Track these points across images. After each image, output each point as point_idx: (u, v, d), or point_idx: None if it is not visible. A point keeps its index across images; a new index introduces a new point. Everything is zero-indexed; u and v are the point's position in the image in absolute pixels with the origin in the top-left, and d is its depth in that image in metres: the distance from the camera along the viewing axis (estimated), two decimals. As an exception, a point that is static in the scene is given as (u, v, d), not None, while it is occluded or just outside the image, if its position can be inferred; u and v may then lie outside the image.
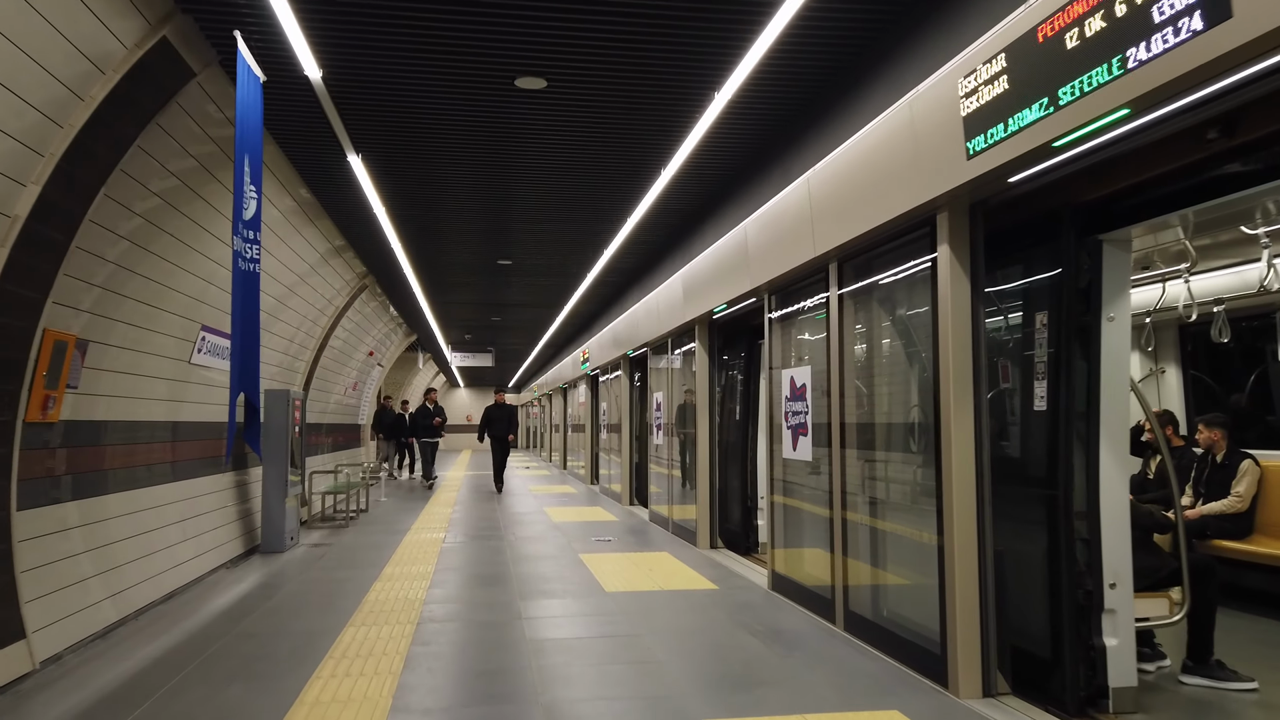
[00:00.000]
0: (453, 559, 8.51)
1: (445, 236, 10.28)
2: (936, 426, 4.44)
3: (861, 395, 5.52)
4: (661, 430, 11.34)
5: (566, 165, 7.52)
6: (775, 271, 6.53)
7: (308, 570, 7.97)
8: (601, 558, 8.58)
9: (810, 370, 6.17)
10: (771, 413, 7.02)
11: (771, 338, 7.00)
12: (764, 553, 8.78)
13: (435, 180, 8.02)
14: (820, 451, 6.01)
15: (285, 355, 10.54)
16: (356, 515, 12.44)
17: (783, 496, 6.85)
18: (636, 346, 12.61)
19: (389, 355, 19.34)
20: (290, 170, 7.62)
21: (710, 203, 8.58)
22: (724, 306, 8.22)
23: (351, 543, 9.76)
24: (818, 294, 6.06)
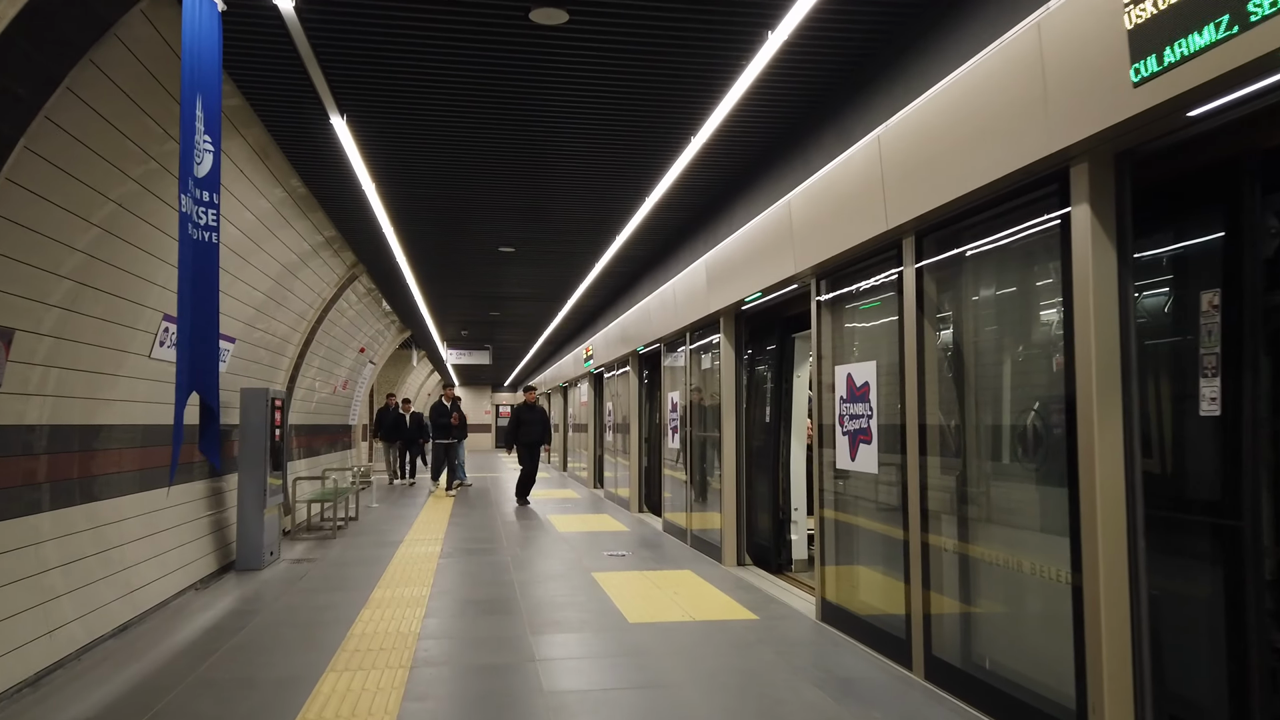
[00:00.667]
0: (450, 578, 7.57)
1: (443, 219, 9.33)
2: (1070, 433, 3.51)
3: (949, 394, 4.60)
4: (678, 433, 10.41)
5: (586, 123, 6.57)
6: (828, 251, 5.60)
7: (286, 593, 7.02)
8: (617, 577, 7.65)
9: (875, 365, 5.24)
10: (819, 415, 6.09)
11: (820, 328, 6.07)
12: (799, 571, 7.87)
13: (432, 150, 7.07)
14: (889, 461, 5.09)
15: (266, 350, 9.58)
16: (345, 524, 11.48)
17: (834, 511, 5.92)
18: (648, 342, 11.67)
19: (381, 352, 18.38)
20: (263, 133, 6.66)
21: (745, 176, 7.64)
22: (757, 295, 7.28)
23: (338, 558, 8.81)
24: (886, 274, 5.13)
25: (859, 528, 5.63)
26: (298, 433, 12.12)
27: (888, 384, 5.16)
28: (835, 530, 5.90)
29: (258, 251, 7.86)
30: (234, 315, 8.05)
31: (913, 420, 4.71)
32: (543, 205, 8.74)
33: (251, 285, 8.16)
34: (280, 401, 8.81)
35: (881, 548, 5.29)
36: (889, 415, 5.11)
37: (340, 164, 7.25)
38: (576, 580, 7.53)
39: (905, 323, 4.79)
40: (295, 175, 7.65)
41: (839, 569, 5.86)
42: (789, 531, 8.01)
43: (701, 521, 9.39)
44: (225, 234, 7.04)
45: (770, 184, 6.88)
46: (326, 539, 10.23)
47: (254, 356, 9.12)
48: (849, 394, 5.53)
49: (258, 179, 7.05)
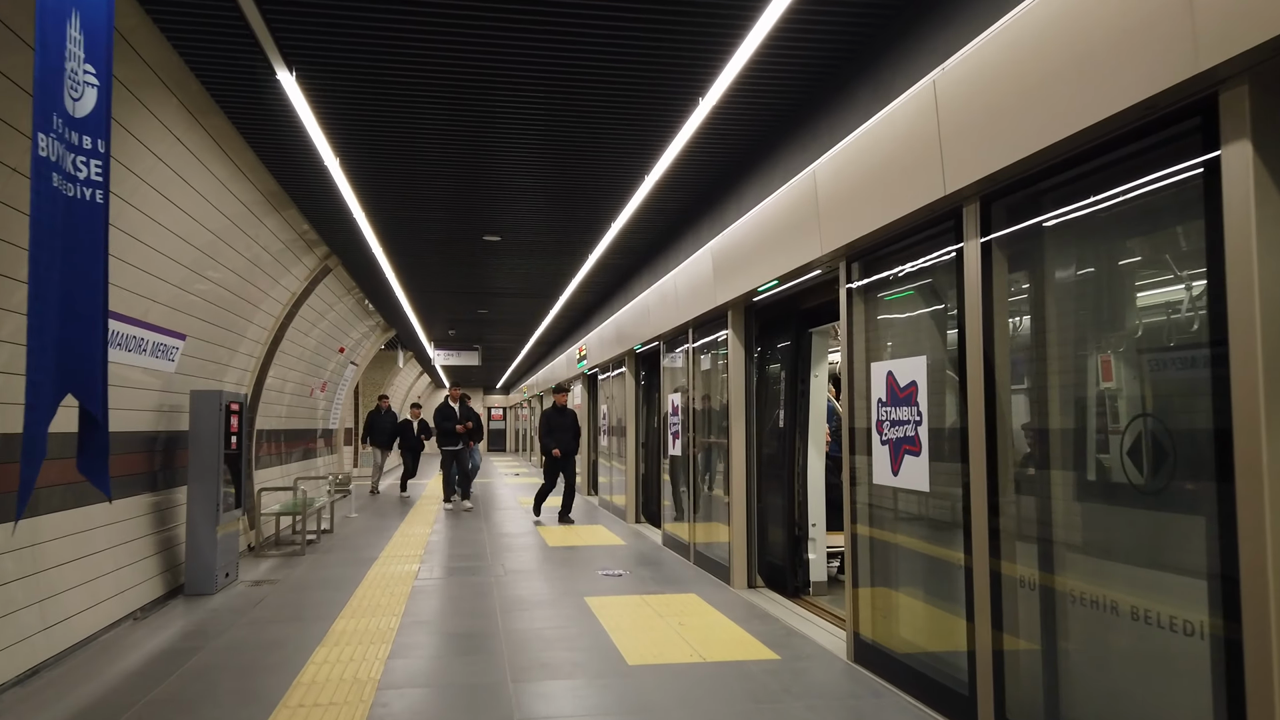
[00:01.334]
0: (425, 605, 6.68)
1: (419, 202, 8.44)
2: (1222, 447, 2.65)
3: (1025, 396, 3.73)
4: (679, 438, 9.53)
5: (575, 88, 5.71)
6: (863, 227, 4.73)
7: (235, 625, 6.12)
8: (613, 603, 6.77)
9: (926, 361, 4.37)
10: (850, 419, 5.22)
11: (850, 320, 5.20)
12: (819, 595, 7.01)
13: (398, 118, 6.20)
14: (944, 474, 4.23)
15: (225, 349, 8.67)
16: (318, 537, 10.58)
17: (871, 532, 5.05)
18: (646, 340, 10.79)
19: (364, 353, 17.48)
20: (198, 90, 5.77)
21: (759, 147, 6.78)
22: (773, 283, 6.42)
23: (302, 579, 7.91)
24: (939, 250, 4.27)
25: (902, 552, 4.77)
26: (268, 439, 11.21)
27: (941, 383, 4.30)
28: (871, 554, 5.03)
29: (201, 232, 6.96)
30: (181, 308, 7.16)
31: (977, 426, 3.85)
32: (529, 185, 7.87)
33: (200, 274, 7.27)
34: (238, 405, 7.91)
35: (934, 576, 4.43)
36: (943, 421, 4.25)
37: (294, 130, 6.36)
38: (567, 607, 6.65)
39: (966, 309, 3.93)
40: (244, 144, 6.76)
41: (876, 600, 4.99)
42: (806, 550, 7.14)
43: (706, 535, 8.52)
44: (164, 213, 6.15)
45: (790, 155, 6.01)
46: (294, 555, 9.33)
47: (210, 355, 8.22)
48: (890, 396, 4.66)
49: (199, 148, 6.15)
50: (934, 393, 4.32)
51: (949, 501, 4.21)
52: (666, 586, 7.48)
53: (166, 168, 5.84)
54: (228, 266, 7.74)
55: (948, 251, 4.17)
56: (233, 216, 7.29)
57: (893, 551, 4.85)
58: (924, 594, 4.52)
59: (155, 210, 6.00)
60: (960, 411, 4.00)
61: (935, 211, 4.17)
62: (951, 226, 4.10)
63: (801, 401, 7.16)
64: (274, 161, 7.09)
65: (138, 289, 6.22)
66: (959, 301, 4.01)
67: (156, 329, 6.82)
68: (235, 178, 6.94)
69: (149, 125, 5.38)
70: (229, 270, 7.83)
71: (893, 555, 4.85)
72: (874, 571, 5.01)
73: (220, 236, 7.28)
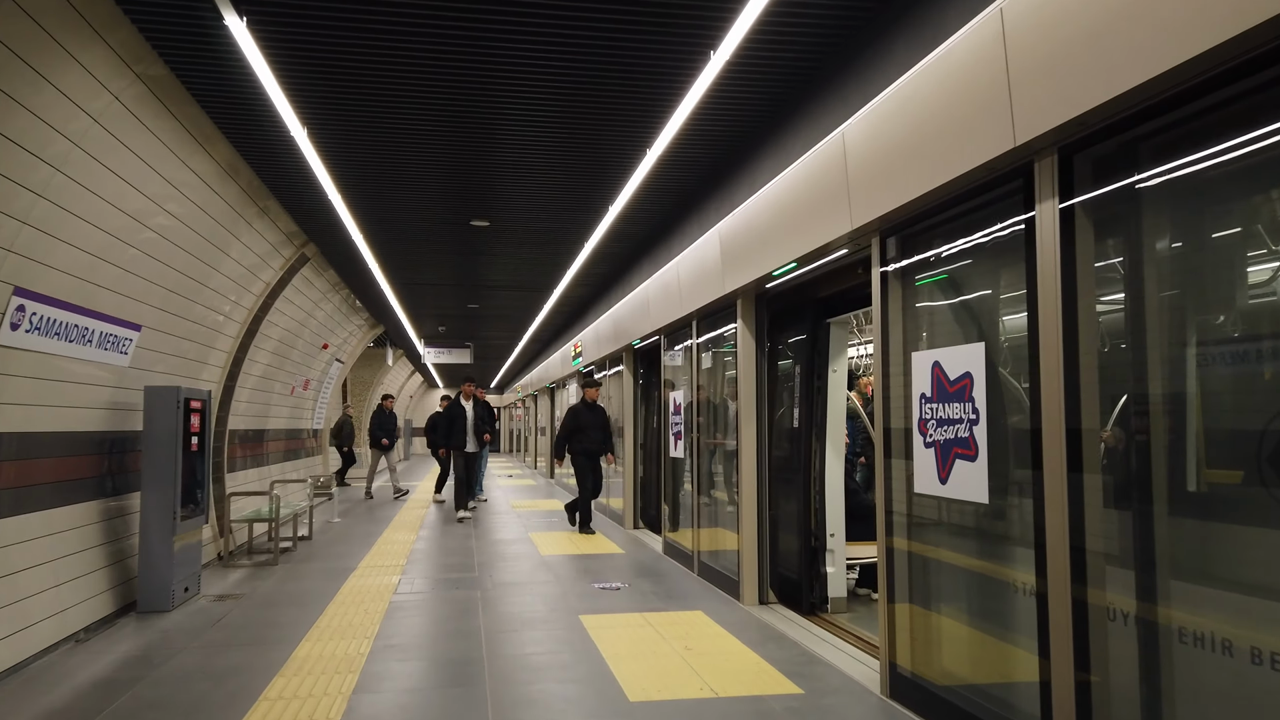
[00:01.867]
0: (402, 625, 6.00)
1: (399, 180, 7.75)
2: None
3: (1120, 389, 3.06)
4: (681, 439, 8.85)
5: (571, 54, 5.06)
6: (903, 194, 4.06)
7: (185, 649, 5.44)
8: (611, 622, 6.09)
9: (983, 349, 3.69)
10: (883, 418, 4.54)
11: (887, 303, 4.53)
12: (838, 613, 6.35)
13: (374, 83, 5.52)
14: (1009, 483, 3.56)
15: (192, 343, 7.97)
16: (294, 545, 9.88)
17: (907, 541, 4.38)
18: (645, 334, 10.12)
19: (351, 349, 16.77)
20: (128, 32, 5.09)
21: (774, 115, 6.11)
22: (791, 266, 5.74)
23: (271, 593, 7.22)
24: (1003, 218, 3.60)
25: (951, 572, 4.10)
26: (243, 439, 10.52)
27: (1005, 375, 3.63)
28: (911, 574, 4.36)
29: (153, 210, 6.26)
30: (135, 296, 6.47)
31: (1054, 426, 3.18)
32: (519, 162, 7.19)
33: (156, 258, 6.57)
34: (201, 403, 7.21)
35: (991, 602, 3.76)
36: (1007, 419, 3.58)
37: (250, 89, 5.68)
38: (560, 627, 5.97)
39: (1041, 287, 3.25)
40: (199, 110, 6.08)
41: (915, 626, 4.32)
42: (823, 562, 6.47)
43: (711, 542, 7.85)
44: (106, 185, 5.46)
45: (812, 119, 5.33)
46: (266, 566, 8.63)
47: (172, 348, 7.52)
48: (936, 390, 3.99)
49: (143, 111, 5.46)
50: (995, 386, 3.65)
51: (1014, 515, 3.54)
52: (669, 602, 6.81)
53: (104, 132, 5.15)
54: (188, 250, 7.04)
55: (1014, 219, 3.49)
56: (190, 194, 6.59)
57: (938, 571, 4.18)
58: (979, 621, 3.85)
59: (94, 181, 5.31)
60: (1031, 408, 3.33)
61: (996, 170, 3.50)
62: (1019, 188, 3.42)
63: (818, 399, 6.50)
64: (233, 131, 6.40)
65: (76, 271, 5.53)
66: (1029, 278, 3.33)
67: (105, 318, 6.12)
68: (192, 150, 6.25)
69: (80, 81, 4.69)
70: (191, 255, 7.13)
71: (938, 575, 4.18)
72: (914, 593, 4.34)
73: (180, 218, 6.59)
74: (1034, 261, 3.30)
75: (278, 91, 5.41)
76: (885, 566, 4.50)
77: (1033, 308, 3.30)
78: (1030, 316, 3.33)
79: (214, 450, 9.26)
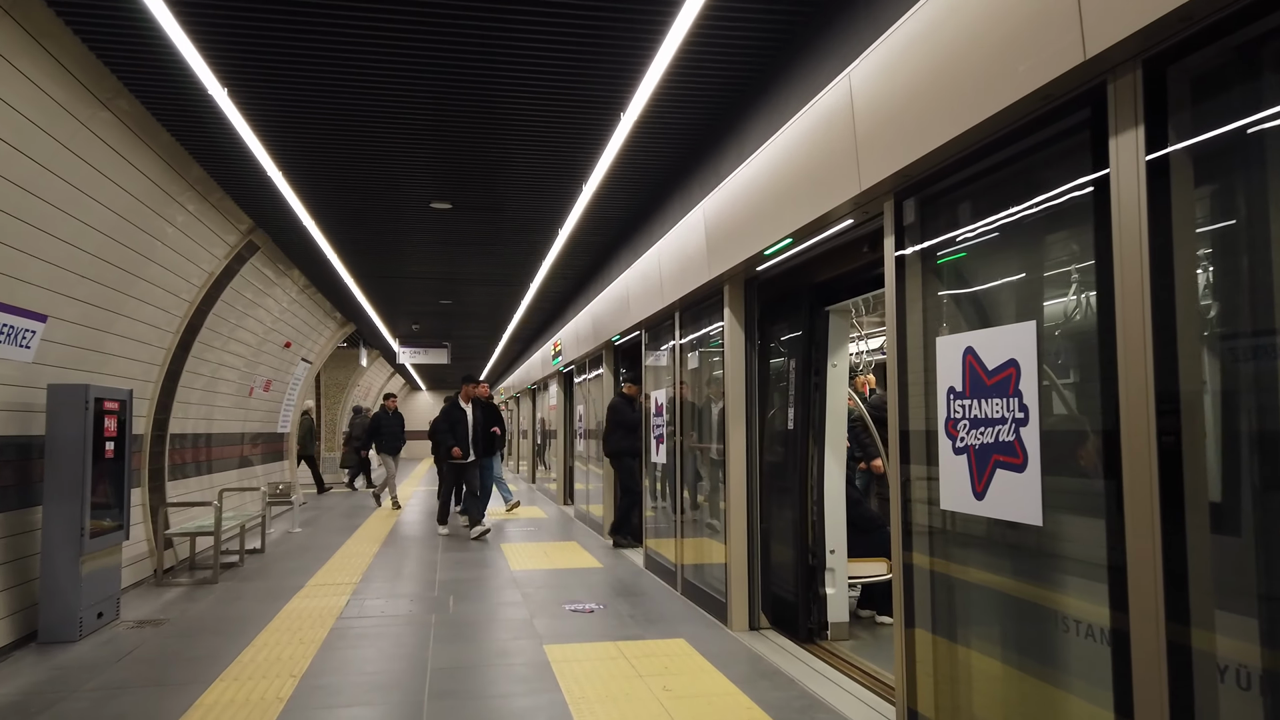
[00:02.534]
0: (339, 661, 5.19)
1: (347, 155, 6.94)
2: None
3: (1242, 375, 2.30)
4: (664, 443, 8.07)
5: (529, 10, 4.26)
6: (927, 143, 3.29)
7: (74, 693, 4.61)
8: (580, 654, 5.29)
9: (1033, 330, 2.92)
10: (900, 418, 3.77)
11: (903, 279, 3.75)
12: (839, 640, 5.58)
13: (296, 35, 4.71)
14: (1072, 499, 2.79)
15: (118, 337, 7.13)
16: (241, 560, 9.04)
17: (929, 559, 3.61)
18: (626, 329, 9.33)
19: (319, 349, 15.91)
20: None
21: (769, 68, 5.34)
22: (786, 242, 4.97)
23: (198, 619, 6.39)
24: (1063, 160, 2.83)
25: (986, 599, 3.33)
26: (188, 444, 9.67)
27: (1066, 362, 2.86)
28: (935, 602, 3.59)
29: (50, 181, 5.43)
30: (37, 281, 5.65)
31: (1138, 427, 2.41)
32: (479, 134, 6.39)
33: (60, 237, 5.74)
34: (119, 403, 6.39)
35: (1045, 638, 2.98)
36: (1068, 417, 2.82)
37: (154, 37, 4.87)
38: (521, 661, 5.17)
39: (1120, 248, 2.48)
40: (95, 60, 5.26)
41: (940, 664, 3.55)
42: (822, 583, 5.70)
43: (696, 555, 7.07)
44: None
45: (813, 67, 4.55)
46: (204, 584, 7.80)
47: (89, 343, 6.68)
48: (970, 383, 3.21)
49: (25, 64, 4.64)
50: (1050, 376, 2.88)
51: (1077, 535, 2.78)
52: (648, 628, 6.02)
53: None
54: (101, 231, 6.21)
55: (1080, 159, 2.72)
56: (97, 163, 5.77)
57: (970, 599, 3.41)
58: (1026, 662, 3.08)
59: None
60: (1104, 404, 2.57)
61: (1054, 98, 2.74)
62: (1086, 120, 2.66)
63: (816, 396, 5.73)
64: (140, 87, 5.58)
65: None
66: (1101, 237, 2.57)
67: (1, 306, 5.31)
68: (93, 109, 5.43)
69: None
70: (106, 236, 6.30)
71: (970, 604, 3.41)
72: (938, 626, 3.56)
73: (84, 190, 5.76)
74: (1108, 214, 2.53)
75: (185, 42, 4.60)
76: (902, 593, 3.72)
77: (1107, 274, 2.53)
78: (1102, 286, 2.56)
79: (151, 456, 8.43)
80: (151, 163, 6.32)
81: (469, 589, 7.43)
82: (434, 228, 9.13)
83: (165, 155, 6.42)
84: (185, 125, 6.13)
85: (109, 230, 6.28)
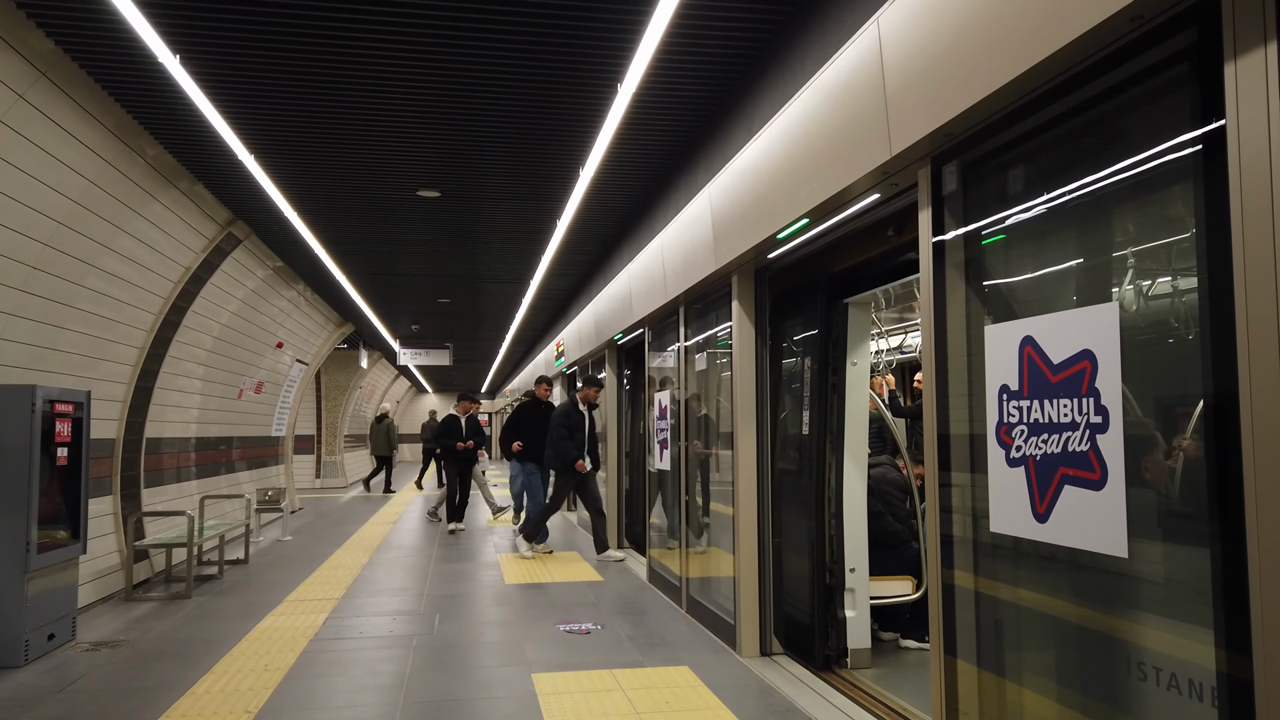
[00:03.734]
0: (303, 693, 4.65)
1: (323, 139, 6.41)
2: None
3: None
4: (667, 449, 7.52)
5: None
6: (973, 93, 2.73)
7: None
8: (572, 685, 4.74)
9: (1115, 314, 2.35)
10: (936, 421, 3.21)
11: (943, 260, 3.18)
12: (860, 668, 5.02)
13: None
14: (1169, 524, 2.23)
15: (62, 331, 6.63)
16: (220, 572, 8.52)
17: (972, 584, 3.04)
18: (628, 327, 8.79)
19: (316, 350, 15.41)
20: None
21: (781, 33, 4.79)
22: (801, 224, 4.42)
23: (160, 639, 5.87)
24: (1156, 100, 2.27)
25: (1058, 632, 2.77)
26: (167, 449, 9.16)
27: (1160, 353, 2.31)
28: (980, 636, 3.03)
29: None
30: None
31: (1272, 430, 1.85)
32: (464, 111, 5.85)
33: (17, 230, 5.23)
34: (73, 405, 5.87)
35: (1126, 682, 2.42)
36: (1165, 423, 2.26)
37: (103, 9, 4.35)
38: (505, 694, 4.62)
39: (1243, 202, 1.93)
40: (38, 32, 4.75)
41: (986, 701, 2.98)
42: (841, 604, 5.13)
43: (702, 569, 6.51)
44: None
45: (829, 22, 3.99)
46: (176, 600, 7.29)
47: (44, 339, 6.17)
48: (1029, 380, 2.65)
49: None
50: (1138, 372, 2.32)
51: (1178, 576, 2.22)
52: (649, 652, 5.46)
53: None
54: (54, 218, 5.69)
55: (1179, 97, 2.17)
56: (45, 144, 5.26)
57: (1027, 626, 2.85)
58: (1092, 706, 2.52)
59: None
60: (1216, 406, 2.01)
61: (1146, 18, 2.18)
62: (1190, 45, 2.10)
63: (834, 398, 5.17)
64: (85, 57, 5.07)
65: None
66: (1211, 194, 2.01)
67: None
68: (42, 89, 4.92)
69: None
70: (60, 225, 5.79)
71: (1028, 634, 2.85)
72: (985, 658, 3.00)
73: (26, 170, 5.25)
74: (1222, 166, 1.97)
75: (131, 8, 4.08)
76: (939, 623, 3.16)
77: (1219, 242, 1.97)
78: (1214, 259, 2.00)
79: (124, 462, 7.92)
80: (104, 142, 5.79)
81: (458, 605, 6.89)
82: (425, 219, 8.60)
83: (119, 133, 5.89)
84: (137, 99, 5.60)
85: (61, 217, 5.77)
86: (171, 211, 7.21)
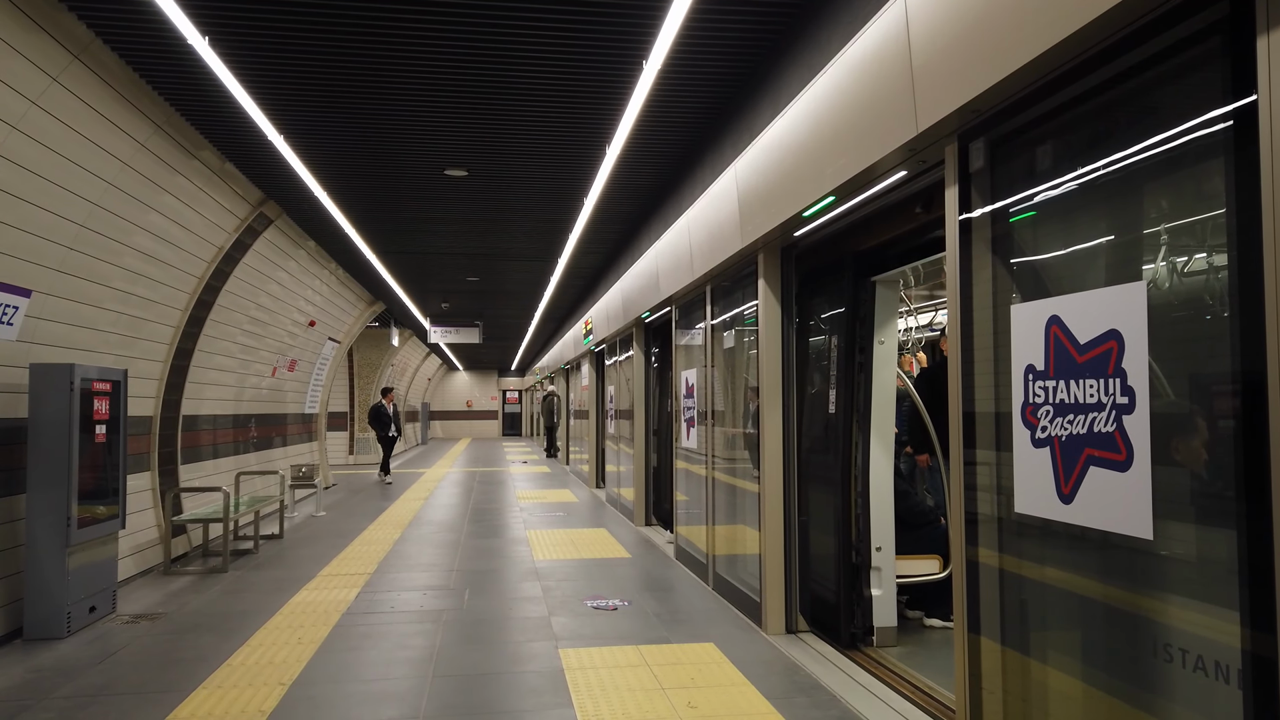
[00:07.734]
0: (335, 666, 4.75)
1: (352, 118, 6.45)
2: None
3: None
4: (694, 426, 7.53)
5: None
6: (1003, 67, 2.68)
7: (42, 701, 4.22)
8: (599, 660, 4.80)
9: (1143, 293, 2.31)
10: (962, 400, 3.18)
11: (970, 238, 3.15)
12: (886, 646, 5.03)
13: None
14: (1194, 507, 2.21)
15: (100, 310, 6.75)
16: (255, 547, 8.69)
17: (997, 556, 3.03)
18: (655, 305, 8.79)
19: (347, 328, 15.57)
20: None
21: (808, 7, 4.73)
22: (828, 201, 4.38)
23: (196, 614, 6.01)
24: (1186, 76, 2.22)
25: (1084, 611, 2.75)
26: (204, 426, 9.34)
27: (1187, 333, 2.27)
28: (1004, 616, 3.02)
29: (24, 144, 5.00)
30: (19, 254, 5.25)
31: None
32: (491, 94, 5.85)
33: (43, 206, 5.33)
34: (111, 384, 6.00)
35: (1157, 676, 2.41)
36: (1193, 404, 2.23)
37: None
38: (533, 669, 4.69)
39: (1272, 180, 1.89)
40: (73, 18, 4.80)
41: (1010, 679, 2.98)
42: (867, 583, 5.14)
43: (729, 546, 6.53)
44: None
45: (856, 3, 3.94)
46: (213, 574, 7.45)
47: (84, 319, 6.29)
48: (1055, 359, 2.62)
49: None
50: (1165, 350, 2.29)
51: (1205, 557, 2.19)
52: (675, 629, 5.51)
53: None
54: (89, 199, 5.79)
55: (1208, 72, 2.12)
56: (81, 127, 5.34)
57: (1053, 605, 2.84)
58: (1118, 687, 2.51)
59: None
60: (1244, 386, 1.98)
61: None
62: (1223, 16, 2.05)
63: (861, 377, 5.15)
64: (119, 43, 5.13)
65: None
66: (1239, 170, 1.97)
67: None
68: (76, 72, 4.98)
69: None
70: (95, 206, 5.89)
71: (1053, 612, 2.84)
72: (1009, 636, 2.99)
73: (62, 153, 5.34)
74: (1254, 139, 1.93)
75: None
76: (963, 605, 3.15)
77: (1249, 220, 1.93)
78: (1244, 237, 1.96)
79: (162, 439, 8.09)
80: (136, 123, 5.86)
81: (487, 581, 6.98)
82: (453, 199, 8.63)
83: (152, 116, 5.97)
84: (168, 81, 5.66)
85: (95, 198, 5.86)
86: (204, 191, 7.30)
